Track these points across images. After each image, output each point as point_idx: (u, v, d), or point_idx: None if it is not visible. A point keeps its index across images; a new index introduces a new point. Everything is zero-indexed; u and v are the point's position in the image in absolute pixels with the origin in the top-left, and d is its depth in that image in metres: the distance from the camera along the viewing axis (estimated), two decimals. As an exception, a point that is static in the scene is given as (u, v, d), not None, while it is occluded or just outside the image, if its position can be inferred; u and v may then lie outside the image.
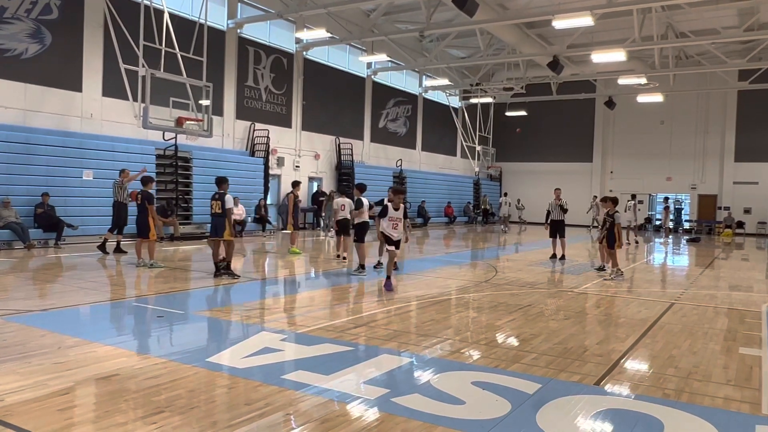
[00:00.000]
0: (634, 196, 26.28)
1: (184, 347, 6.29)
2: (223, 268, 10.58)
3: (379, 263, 12.14)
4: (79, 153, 16.07)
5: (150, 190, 12.01)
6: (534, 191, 35.68)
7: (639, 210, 23.32)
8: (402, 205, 10.07)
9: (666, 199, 28.23)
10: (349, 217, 13.48)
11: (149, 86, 15.34)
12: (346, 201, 13.79)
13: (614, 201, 12.76)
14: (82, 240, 15.38)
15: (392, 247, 9.92)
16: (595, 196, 29.69)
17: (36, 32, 15.64)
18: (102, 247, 13.56)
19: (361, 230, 12.13)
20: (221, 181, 10.76)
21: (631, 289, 11.02)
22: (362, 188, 12.44)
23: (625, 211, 22.39)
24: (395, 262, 10.51)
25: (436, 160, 34.89)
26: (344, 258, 13.85)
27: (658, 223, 30.42)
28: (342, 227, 13.84)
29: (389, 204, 10.08)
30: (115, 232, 13.83)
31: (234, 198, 17.18)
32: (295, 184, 15.23)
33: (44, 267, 11.83)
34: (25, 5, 15.34)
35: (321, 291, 10.38)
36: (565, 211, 15.80)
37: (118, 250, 13.75)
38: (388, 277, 9.90)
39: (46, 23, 15.85)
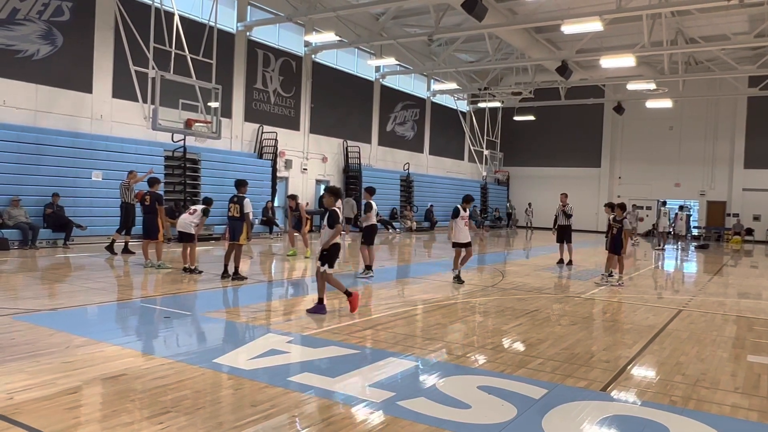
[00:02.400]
0: (665, 203, 26.49)
1: (190, 348, 6.32)
2: (233, 275, 10.60)
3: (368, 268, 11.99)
4: (89, 154, 16.17)
5: (158, 191, 12.06)
6: (541, 196, 35.61)
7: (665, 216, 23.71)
8: (339, 208, 8.22)
9: (664, 203, 28.02)
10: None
11: (159, 88, 15.42)
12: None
13: (621, 207, 12.71)
14: (90, 240, 15.47)
15: (323, 267, 7.90)
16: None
17: (47, 34, 15.77)
18: (110, 248, 13.63)
19: (369, 233, 12.15)
20: (240, 184, 10.71)
21: (638, 295, 10.97)
22: (372, 192, 12.53)
23: (659, 217, 23.62)
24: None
25: (443, 164, 34.88)
26: None
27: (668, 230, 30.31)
28: None
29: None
30: (122, 233, 13.90)
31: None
32: (291, 197, 15.77)
33: (53, 267, 11.90)
34: (37, 7, 15.47)
35: (327, 293, 10.37)
36: (568, 216, 15.76)
37: (126, 250, 13.81)
38: (320, 300, 8.06)
39: (58, 25, 15.98)
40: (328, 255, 7.92)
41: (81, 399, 4.52)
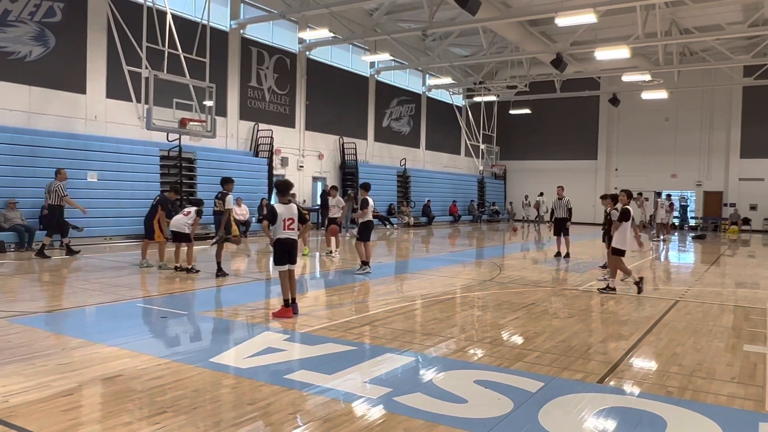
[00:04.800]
0: (668, 196, 26.52)
1: (187, 347, 6.32)
2: (217, 271, 10.83)
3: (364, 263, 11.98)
4: (84, 155, 16.12)
5: (165, 194, 12.20)
6: (538, 189, 35.59)
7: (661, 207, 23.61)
8: (293, 203, 7.88)
9: (660, 194, 28.01)
10: (338, 215, 15.04)
11: (152, 88, 15.35)
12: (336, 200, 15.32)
13: (614, 198, 12.55)
14: (86, 242, 15.43)
15: (284, 268, 7.67)
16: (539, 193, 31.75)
17: (40, 35, 15.70)
18: (40, 253, 12.92)
19: (366, 229, 12.17)
20: (225, 182, 11.05)
21: (636, 286, 10.96)
22: (367, 188, 12.54)
23: (657, 209, 23.58)
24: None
25: (440, 158, 34.86)
26: (330, 252, 14.73)
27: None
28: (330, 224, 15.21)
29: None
30: (53, 236, 13.45)
31: (237, 198, 17.28)
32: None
33: (49, 268, 11.87)
34: (28, 8, 15.40)
35: (324, 290, 10.39)
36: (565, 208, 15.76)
37: (69, 251, 13.44)
38: (294, 300, 7.61)
39: (50, 26, 15.90)
40: (273, 252, 7.75)
41: (77, 400, 4.51)
